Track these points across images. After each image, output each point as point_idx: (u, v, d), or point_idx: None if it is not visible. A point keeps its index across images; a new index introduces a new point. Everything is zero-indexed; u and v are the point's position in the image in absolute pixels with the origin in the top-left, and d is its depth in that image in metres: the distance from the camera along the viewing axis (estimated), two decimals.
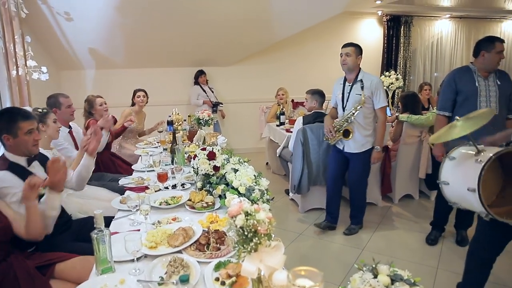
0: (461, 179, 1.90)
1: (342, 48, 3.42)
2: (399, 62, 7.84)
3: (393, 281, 1.11)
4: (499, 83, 3.02)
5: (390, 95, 6.44)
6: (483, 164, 1.80)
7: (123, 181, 2.75)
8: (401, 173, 4.44)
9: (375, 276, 1.12)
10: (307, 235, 3.72)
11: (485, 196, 1.84)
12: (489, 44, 2.98)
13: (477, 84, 3.01)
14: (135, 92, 4.66)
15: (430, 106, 5.71)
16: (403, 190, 4.57)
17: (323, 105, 4.36)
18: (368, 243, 3.52)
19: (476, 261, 2.31)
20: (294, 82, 6.76)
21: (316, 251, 3.42)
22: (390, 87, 6.22)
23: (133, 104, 4.65)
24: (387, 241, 3.57)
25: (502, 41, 3.00)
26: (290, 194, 4.51)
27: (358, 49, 3.39)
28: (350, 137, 3.43)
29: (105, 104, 3.94)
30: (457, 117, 2.02)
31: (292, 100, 5.98)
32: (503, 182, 2.01)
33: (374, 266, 1.16)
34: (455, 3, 7.65)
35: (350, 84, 3.42)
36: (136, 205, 1.90)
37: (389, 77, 6.23)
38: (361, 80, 3.36)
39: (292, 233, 3.75)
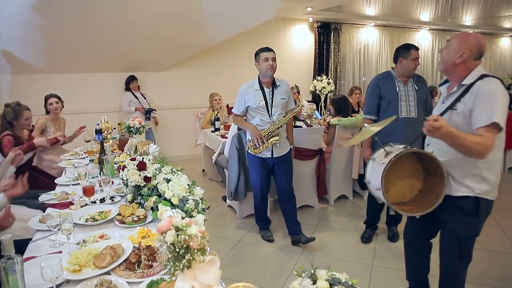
0: (375, 178, 2.05)
1: (265, 52, 3.27)
2: (330, 67, 8.16)
3: (332, 285, 1.11)
4: (416, 88, 3.22)
5: (322, 99, 6.66)
6: (385, 165, 1.96)
7: (43, 197, 2.50)
8: (335, 175, 4.58)
9: (314, 282, 1.12)
10: (246, 241, 3.68)
11: (398, 193, 2.10)
12: (405, 51, 3.15)
13: (397, 90, 3.20)
14: (46, 98, 4.17)
15: (360, 109, 5.97)
16: (338, 191, 4.71)
17: None
18: (306, 246, 3.55)
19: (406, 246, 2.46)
20: (228, 87, 6.73)
21: (256, 257, 3.38)
22: (322, 91, 6.43)
23: (47, 112, 4.19)
24: (325, 242, 3.64)
25: (417, 48, 3.18)
26: (228, 201, 4.45)
27: None
28: (278, 140, 3.34)
29: (31, 118, 3.50)
30: (365, 124, 2.23)
31: (227, 106, 5.95)
32: (424, 180, 2.15)
33: (312, 272, 1.15)
34: (378, 12, 8.17)
35: (270, 89, 3.34)
36: (57, 224, 1.72)
37: (321, 81, 6.44)
38: (279, 85, 3.36)
39: (231, 240, 3.69)
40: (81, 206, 2.25)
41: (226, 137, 4.38)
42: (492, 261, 3.22)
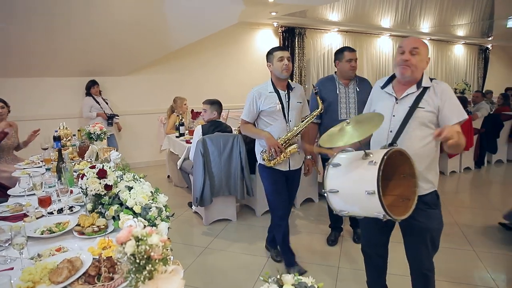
0: (356, 184, 1.82)
1: (279, 51, 2.97)
2: (295, 71, 8.26)
3: None
4: (358, 90, 3.30)
5: None
6: (378, 164, 1.74)
7: None
8: (301, 179, 4.58)
9: (281, 287, 1.11)
10: (213, 248, 3.63)
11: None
12: (340, 54, 3.26)
13: (337, 92, 3.29)
14: None
15: None
16: (304, 194, 4.75)
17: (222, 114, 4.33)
18: None
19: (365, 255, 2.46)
20: (192, 91, 6.70)
21: (223, 264, 3.34)
22: None
23: None
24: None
25: (352, 50, 3.26)
26: (193, 207, 4.39)
27: None
28: (297, 149, 2.95)
29: None
30: (348, 120, 1.94)
31: (192, 110, 5.88)
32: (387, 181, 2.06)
33: (278, 277, 1.14)
34: (341, 18, 8.37)
35: (286, 92, 2.98)
36: (8, 238, 1.62)
37: None
38: (294, 87, 3.04)
39: (197, 247, 3.63)
40: (37, 218, 2.14)
41: (191, 142, 4.31)
42: (450, 257, 3.33)
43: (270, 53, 3.01)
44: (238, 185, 4.04)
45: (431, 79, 2.07)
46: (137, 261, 1.06)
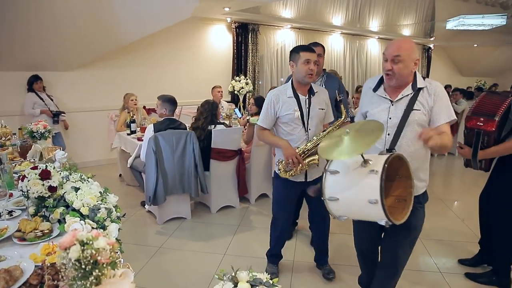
0: (358, 193, 1.78)
1: (308, 52, 2.59)
2: (248, 67, 8.25)
3: (253, 286, 1.12)
4: (324, 87, 2.98)
5: (241, 99, 6.72)
6: (380, 174, 1.70)
7: None
8: (255, 174, 4.63)
9: (236, 285, 1.12)
10: (167, 247, 3.56)
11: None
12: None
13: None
14: None
15: None
16: (258, 190, 4.77)
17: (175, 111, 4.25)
18: (229, 247, 3.55)
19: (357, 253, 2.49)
20: (145, 87, 6.52)
21: (178, 263, 3.29)
22: (240, 91, 6.49)
23: None
24: (248, 242, 3.67)
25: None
26: (146, 206, 4.28)
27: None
28: (317, 161, 2.69)
29: None
30: (347, 130, 1.80)
31: (144, 107, 5.73)
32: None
33: (233, 274, 1.15)
34: (294, 15, 8.47)
35: (307, 97, 2.68)
36: None
37: (240, 81, 6.50)
38: (317, 91, 2.73)
39: (151, 247, 3.54)
40: None
41: (142, 140, 4.19)
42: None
43: (296, 52, 2.63)
44: (192, 182, 3.98)
45: (423, 78, 2.08)
46: (83, 266, 1.02)
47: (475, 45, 12.41)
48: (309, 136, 2.67)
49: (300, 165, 2.61)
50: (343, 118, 2.75)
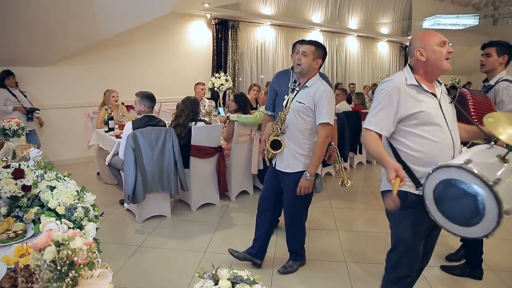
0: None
1: (298, 43, 2.84)
2: (228, 64, 8.22)
3: (234, 284, 1.13)
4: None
5: (221, 96, 6.70)
6: None
7: None
8: (235, 171, 4.63)
9: (216, 283, 1.13)
10: (147, 246, 3.52)
11: None
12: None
13: (289, 85, 3.18)
14: None
15: (258, 105, 6.15)
16: (239, 187, 4.77)
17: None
18: (210, 245, 3.54)
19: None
20: (124, 84, 6.40)
21: (158, 262, 3.26)
22: (220, 88, 6.48)
23: None
24: (228, 239, 3.66)
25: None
26: (125, 204, 4.21)
27: (318, 51, 2.72)
28: (279, 150, 2.76)
29: None
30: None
31: (123, 103, 5.64)
32: None
33: (214, 272, 1.16)
34: (274, 12, 8.49)
35: (298, 88, 2.81)
36: None
37: (220, 78, 6.48)
38: (310, 86, 2.73)
39: (130, 246, 3.50)
40: None
41: (121, 137, 4.12)
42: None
43: (294, 45, 2.91)
44: (171, 180, 3.95)
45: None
46: (58, 267, 0.99)
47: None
48: (280, 124, 2.77)
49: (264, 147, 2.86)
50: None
